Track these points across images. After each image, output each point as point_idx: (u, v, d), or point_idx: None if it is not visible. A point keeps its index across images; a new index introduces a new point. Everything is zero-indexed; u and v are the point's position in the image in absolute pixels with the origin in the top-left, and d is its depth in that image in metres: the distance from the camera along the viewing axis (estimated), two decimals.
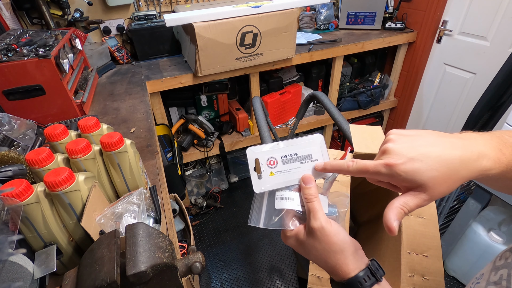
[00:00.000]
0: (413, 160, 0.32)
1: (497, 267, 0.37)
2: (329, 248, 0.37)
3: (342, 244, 0.37)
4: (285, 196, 0.40)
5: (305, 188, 0.39)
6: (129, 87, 1.43)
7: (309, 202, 0.38)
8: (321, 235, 0.37)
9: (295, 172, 0.41)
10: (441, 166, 0.31)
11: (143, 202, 0.61)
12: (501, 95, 1.24)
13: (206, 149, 1.87)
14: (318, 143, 0.41)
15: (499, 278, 0.35)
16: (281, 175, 0.41)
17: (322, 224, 0.37)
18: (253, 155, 0.41)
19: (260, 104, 1.15)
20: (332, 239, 0.36)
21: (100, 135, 0.66)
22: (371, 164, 0.34)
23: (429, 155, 0.32)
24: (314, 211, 0.37)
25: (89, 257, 0.43)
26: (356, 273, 0.35)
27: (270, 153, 0.41)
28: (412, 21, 2.04)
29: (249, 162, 0.41)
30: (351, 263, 0.36)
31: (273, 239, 1.86)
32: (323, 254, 0.37)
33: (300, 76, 2.12)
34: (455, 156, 0.31)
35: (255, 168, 0.41)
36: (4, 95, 0.99)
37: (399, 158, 0.32)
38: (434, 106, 2.14)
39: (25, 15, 1.48)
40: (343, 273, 0.36)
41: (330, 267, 0.37)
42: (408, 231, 0.76)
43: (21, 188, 0.46)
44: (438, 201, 1.52)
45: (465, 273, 1.52)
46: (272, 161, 0.41)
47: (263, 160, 0.41)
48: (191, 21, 1.35)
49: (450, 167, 0.31)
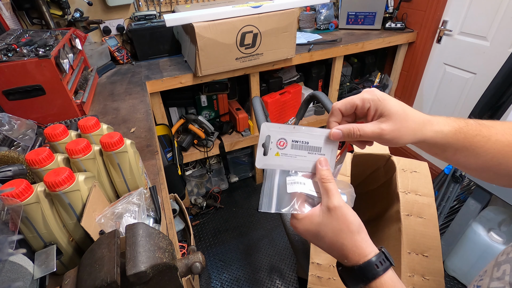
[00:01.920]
0: (388, 97, 0.39)
1: (499, 262, 0.37)
2: (347, 228, 0.36)
3: (359, 225, 0.37)
4: (297, 181, 0.40)
5: (321, 170, 0.40)
6: (129, 87, 1.43)
7: (326, 183, 0.38)
8: (340, 215, 0.37)
9: (300, 160, 0.41)
10: (404, 111, 0.38)
11: (143, 202, 0.61)
12: (501, 95, 1.24)
13: (206, 149, 1.87)
14: (333, 142, 0.42)
15: (502, 274, 0.35)
16: (286, 158, 0.41)
17: (341, 203, 0.37)
18: (266, 131, 0.40)
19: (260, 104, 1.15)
20: (350, 218, 0.37)
21: (100, 135, 0.66)
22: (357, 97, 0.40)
23: (400, 102, 0.40)
24: (332, 191, 0.38)
25: (89, 257, 0.43)
26: (372, 256, 0.35)
27: (284, 134, 0.41)
28: (412, 21, 2.04)
29: (260, 136, 0.40)
30: (367, 245, 0.36)
31: (273, 239, 1.86)
32: (340, 235, 0.37)
33: (300, 76, 2.12)
34: (415, 113, 0.39)
35: (263, 144, 0.40)
36: (4, 95, 0.99)
37: (379, 94, 0.39)
38: (434, 106, 2.14)
39: (25, 15, 1.48)
40: (359, 255, 0.36)
41: (346, 249, 0.37)
42: (408, 231, 0.76)
43: (21, 188, 0.46)
44: (438, 201, 1.52)
45: (465, 273, 1.52)
46: (282, 142, 0.41)
47: (274, 138, 0.40)
48: (191, 21, 1.36)
49: (409, 117, 0.38)
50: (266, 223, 1.99)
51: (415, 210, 0.78)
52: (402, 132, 0.38)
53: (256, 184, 2.32)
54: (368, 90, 0.39)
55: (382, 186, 1.00)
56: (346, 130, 0.39)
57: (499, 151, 0.39)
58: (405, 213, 0.78)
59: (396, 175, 0.85)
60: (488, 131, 0.39)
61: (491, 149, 0.39)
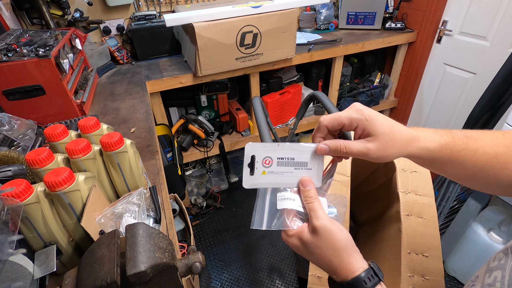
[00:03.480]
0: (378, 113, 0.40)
1: (491, 268, 0.36)
2: (334, 246, 0.37)
3: (346, 241, 0.37)
4: (286, 197, 0.40)
5: (304, 191, 0.40)
6: (129, 87, 1.43)
7: (309, 203, 0.39)
8: (324, 233, 0.37)
9: (287, 176, 0.41)
10: (391, 131, 0.38)
11: (143, 202, 0.61)
12: (501, 95, 1.23)
13: (206, 149, 1.87)
14: (319, 156, 0.42)
15: (493, 280, 0.35)
16: (273, 176, 0.41)
17: (325, 222, 0.37)
18: (250, 151, 0.41)
19: (260, 104, 1.15)
20: (336, 236, 0.37)
21: (100, 135, 0.66)
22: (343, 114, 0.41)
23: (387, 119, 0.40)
24: (315, 210, 0.38)
25: (89, 257, 0.43)
26: (360, 272, 0.36)
27: (268, 152, 0.41)
28: (412, 21, 2.04)
29: (245, 157, 0.41)
30: (355, 261, 0.36)
31: (273, 239, 1.86)
32: (327, 252, 0.37)
33: (300, 76, 2.12)
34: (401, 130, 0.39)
35: (249, 164, 0.41)
36: (4, 95, 0.99)
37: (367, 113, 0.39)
38: (434, 106, 2.14)
39: (25, 15, 1.48)
40: (347, 271, 0.36)
41: (334, 266, 0.37)
42: (408, 231, 0.76)
43: (21, 188, 0.46)
44: (438, 201, 1.52)
45: (465, 273, 1.52)
46: (268, 160, 0.41)
47: (259, 157, 0.41)
48: (191, 21, 1.35)
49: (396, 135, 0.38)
50: None
51: (415, 210, 0.78)
52: (388, 151, 0.38)
53: None
54: (356, 109, 0.39)
55: (382, 186, 1.00)
56: (333, 146, 0.39)
57: (487, 163, 0.39)
58: (405, 213, 0.78)
59: (396, 175, 0.85)
60: (475, 144, 0.39)
61: (478, 161, 0.39)
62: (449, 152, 0.39)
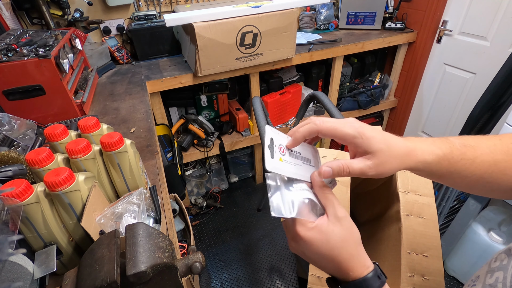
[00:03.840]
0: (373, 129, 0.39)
1: (493, 269, 0.36)
2: (354, 238, 0.37)
3: (360, 236, 0.38)
4: (304, 188, 0.40)
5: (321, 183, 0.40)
6: (129, 87, 1.43)
7: (329, 194, 0.39)
8: (348, 224, 0.37)
9: (299, 168, 0.41)
10: (388, 147, 0.37)
11: (143, 202, 0.61)
12: (501, 95, 1.23)
13: (206, 149, 1.87)
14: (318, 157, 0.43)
15: (495, 281, 0.34)
16: (288, 165, 0.40)
17: (346, 213, 0.38)
18: (270, 133, 0.40)
19: (260, 104, 1.15)
20: (355, 229, 0.38)
21: (100, 135, 0.66)
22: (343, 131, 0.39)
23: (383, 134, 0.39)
24: (335, 201, 0.38)
25: (89, 257, 0.43)
26: (372, 268, 0.36)
27: (283, 140, 0.41)
28: (412, 21, 2.04)
29: (266, 138, 0.39)
30: (367, 257, 0.37)
31: (273, 239, 1.86)
32: (349, 244, 0.37)
33: (300, 76, 2.12)
34: (398, 144, 0.38)
35: (269, 145, 0.39)
36: (4, 95, 0.99)
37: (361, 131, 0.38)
38: (434, 106, 2.14)
39: (25, 15, 1.48)
40: (363, 266, 0.36)
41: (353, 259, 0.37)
42: (408, 231, 0.76)
43: (21, 188, 0.46)
44: (438, 201, 1.52)
45: (465, 273, 1.52)
46: (282, 148, 0.40)
47: (276, 143, 0.40)
48: (191, 21, 1.36)
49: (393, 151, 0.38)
50: (266, 223, 1.99)
51: (415, 210, 0.78)
52: (386, 167, 0.38)
53: (256, 184, 2.32)
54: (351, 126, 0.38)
55: (382, 186, 1.00)
56: (337, 168, 0.39)
57: (485, 171, 0.39)
58: (405, 213, 0.78)
59: (396, 175, 0.85)
60: (473, 152, 0.39)
61: (477, 170, 0.39)
62: (447, 164, 0.39)
